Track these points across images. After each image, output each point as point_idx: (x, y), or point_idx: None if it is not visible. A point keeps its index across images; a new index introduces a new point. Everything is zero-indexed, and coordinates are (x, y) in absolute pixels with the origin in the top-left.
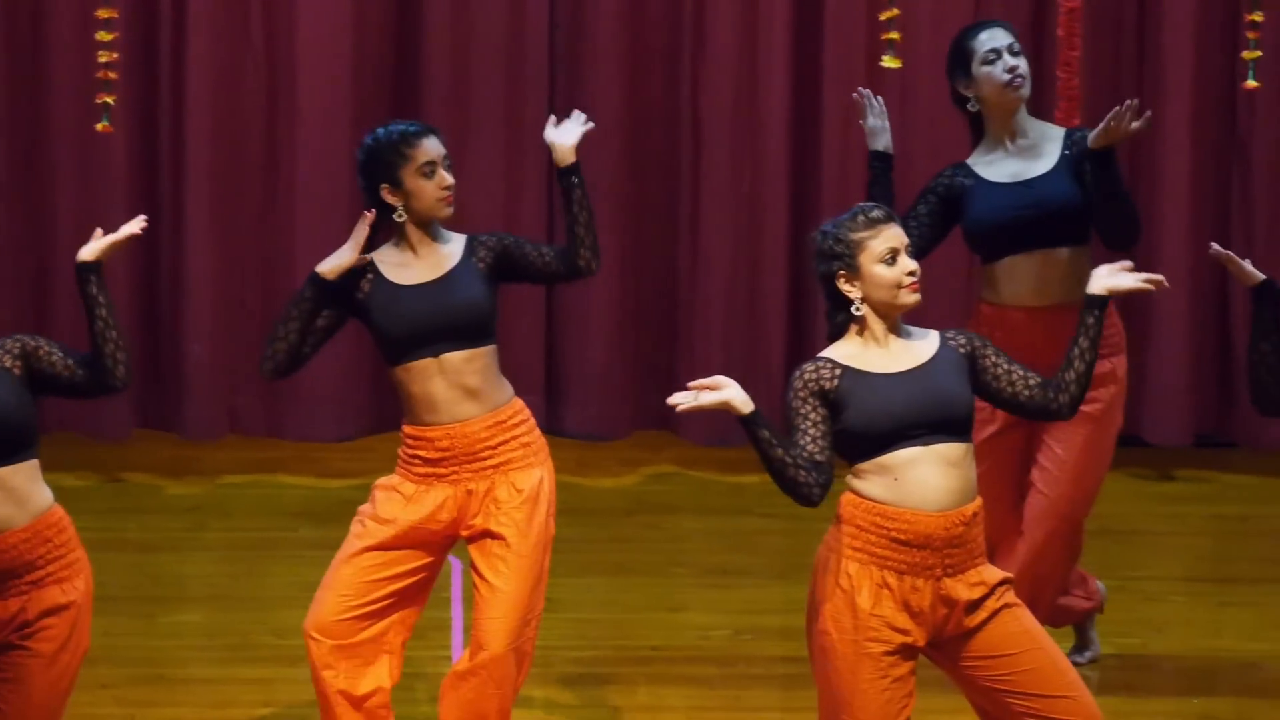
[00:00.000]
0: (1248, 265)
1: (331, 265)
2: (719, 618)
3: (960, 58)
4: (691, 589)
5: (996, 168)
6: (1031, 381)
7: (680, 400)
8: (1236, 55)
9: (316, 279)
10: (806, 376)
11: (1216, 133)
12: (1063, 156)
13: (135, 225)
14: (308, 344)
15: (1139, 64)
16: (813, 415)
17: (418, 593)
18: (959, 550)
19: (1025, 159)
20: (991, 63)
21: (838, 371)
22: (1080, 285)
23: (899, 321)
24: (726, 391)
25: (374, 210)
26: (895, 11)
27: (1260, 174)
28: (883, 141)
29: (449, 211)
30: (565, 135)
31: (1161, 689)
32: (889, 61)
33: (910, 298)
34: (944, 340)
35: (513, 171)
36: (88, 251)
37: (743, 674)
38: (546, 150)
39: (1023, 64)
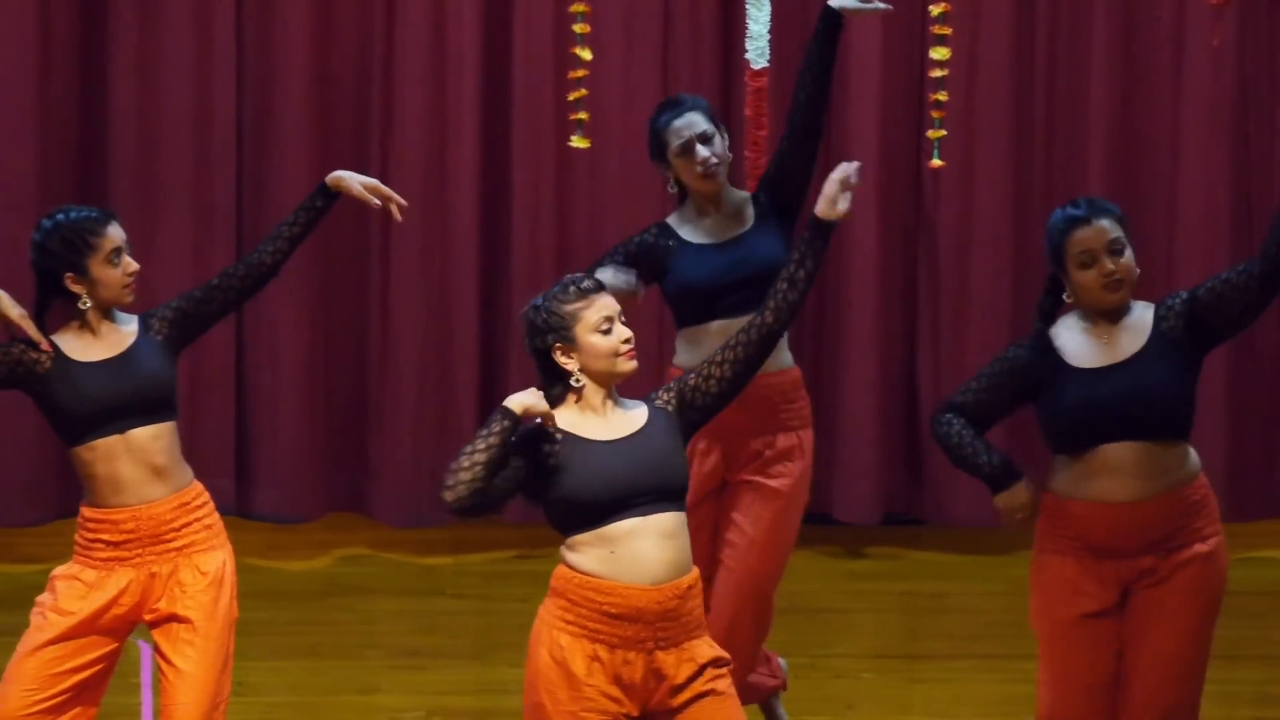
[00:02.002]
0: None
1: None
2: (412, 699)
3: (656, 143)
4: (384, 671)
5: (698, 231)
6: (726, 367)
7: None
8: (921, 134)
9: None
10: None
11: (902, 210)
12: (757, 217)
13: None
14: None
15: (827, 141)
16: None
17: (100, 680)
18: (672, 624)
19: (726, 223)
20: (686, 154)
21: (558, 437)
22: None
23: (614, 390)
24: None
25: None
26: (583, 91)
27: (946, 252)
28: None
29: (131, 298)
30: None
31: None
32: (578, 141)
33: (628, 365)
34: (650, 403)
35: (201, 249)
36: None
37: None
38: (235, 227)
39: (717, 146)
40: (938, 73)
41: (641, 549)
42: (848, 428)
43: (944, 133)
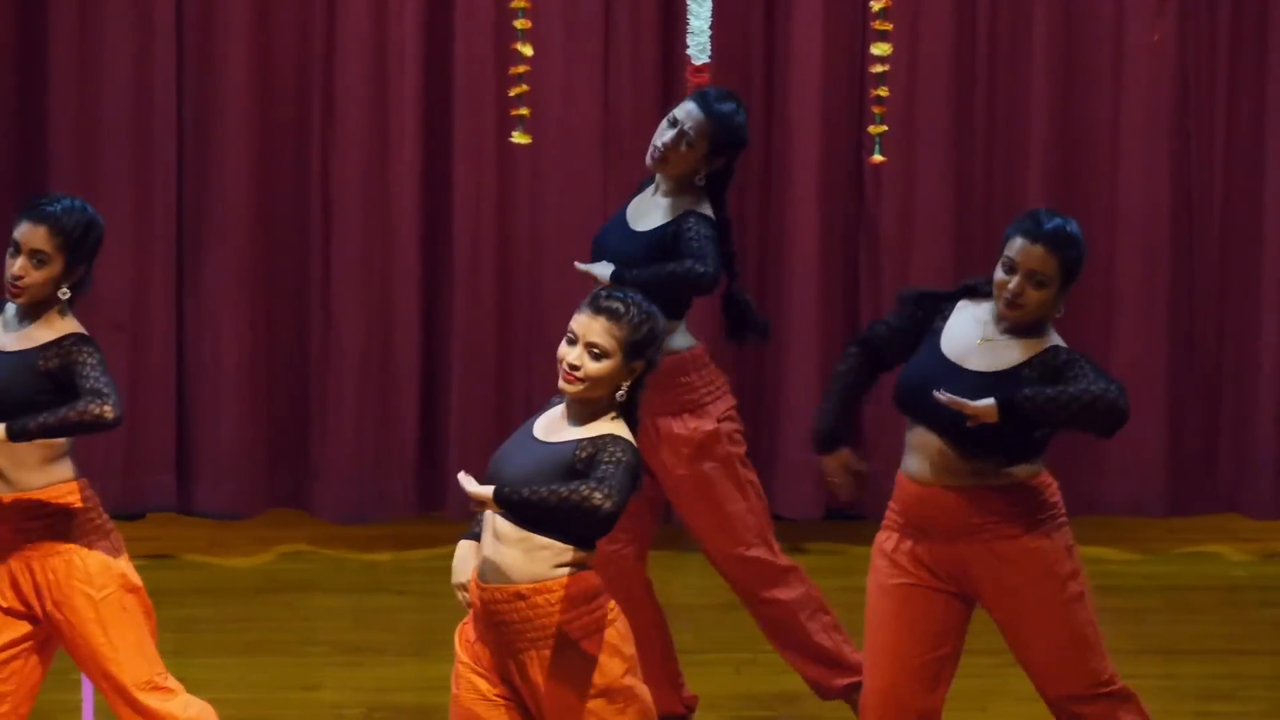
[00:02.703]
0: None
1: None
2: (353, 695)
3: None
4: (326, 667)
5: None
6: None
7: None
8: (862, 129)
9: None
10: None
11: (843, 206)
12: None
13: None
14: None
15: (767, 138)
16: None
17: (22, 669)
18: (506, 629)
19: (649, 213)
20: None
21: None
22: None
23: (580, 406)
24: None
25: None
26: (524, 87)
27: (887, 248)
28: None
29: (16, 298)
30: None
31: None
32: (519, 137)
33: (563, 385)
34: (581, 442)
35: (143, 245)
36: None
37: None
38: (176, 223)
39: (669, 138)
40: (879, 68)
41: (487, 543)
42: (789, 424)
43: (885, 128)
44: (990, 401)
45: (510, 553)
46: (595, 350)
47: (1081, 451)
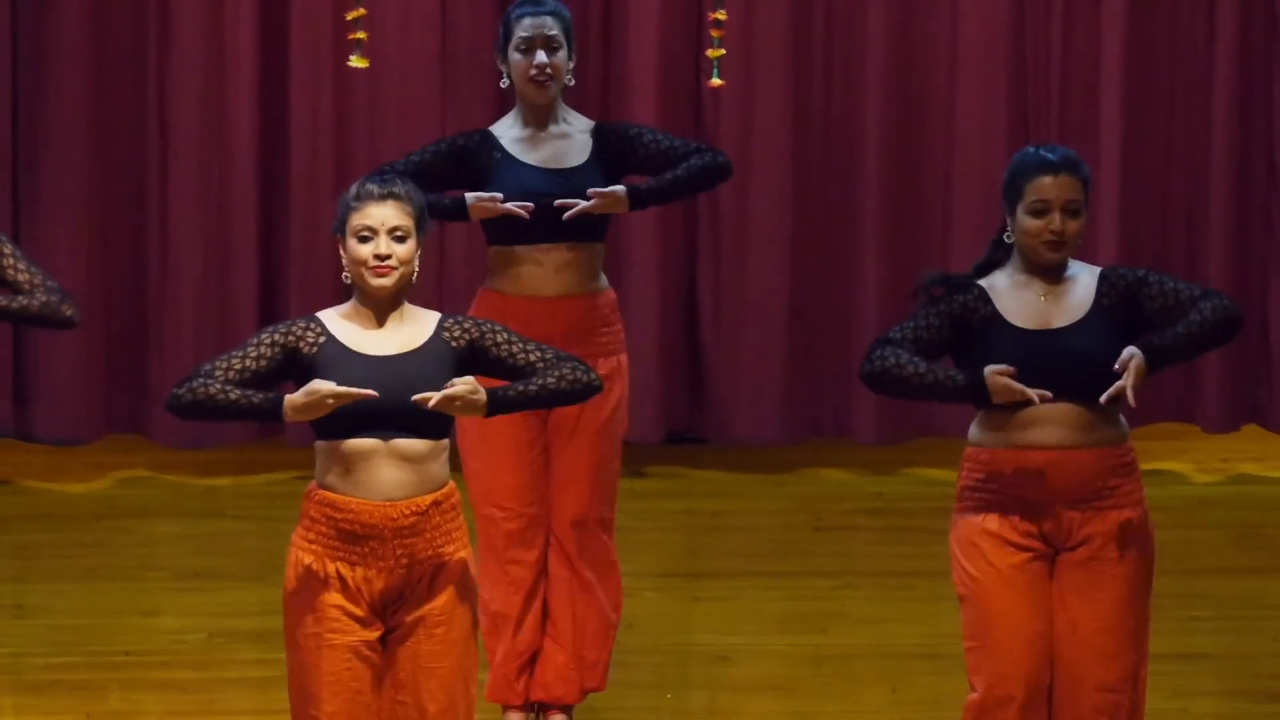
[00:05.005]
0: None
1: None
2: (193, 621)
3: (503, 35)
4: (165, 593)
5: (525, 147)
6: (532, 366)
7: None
8: (701, 53)
9: None
10: (286, 329)
11: (682, 130)
12: (595, 154)
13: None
14: None
15: (605, 60)
16: (259, 362)
17: None
18: (416, 539)
19: (556, 147)
20: (523, 52)
21: (321, 339)
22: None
23: (397, 302)
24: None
25: None
26: (362, 11)
27: None
28: None
29: None
30: None
31: (636, 684)
32: (356, 61)
33: (374, 280)
34: (439, 329)
35: None
36: None
37: (217, 678)
38: (10, 151)
39: (559, 59)
40: None
41: (377, 468)
42: (629, 348)
43: (723, 52)
44: (1139, 361)
45: (417, 469)
46: (399, 233)
47: None
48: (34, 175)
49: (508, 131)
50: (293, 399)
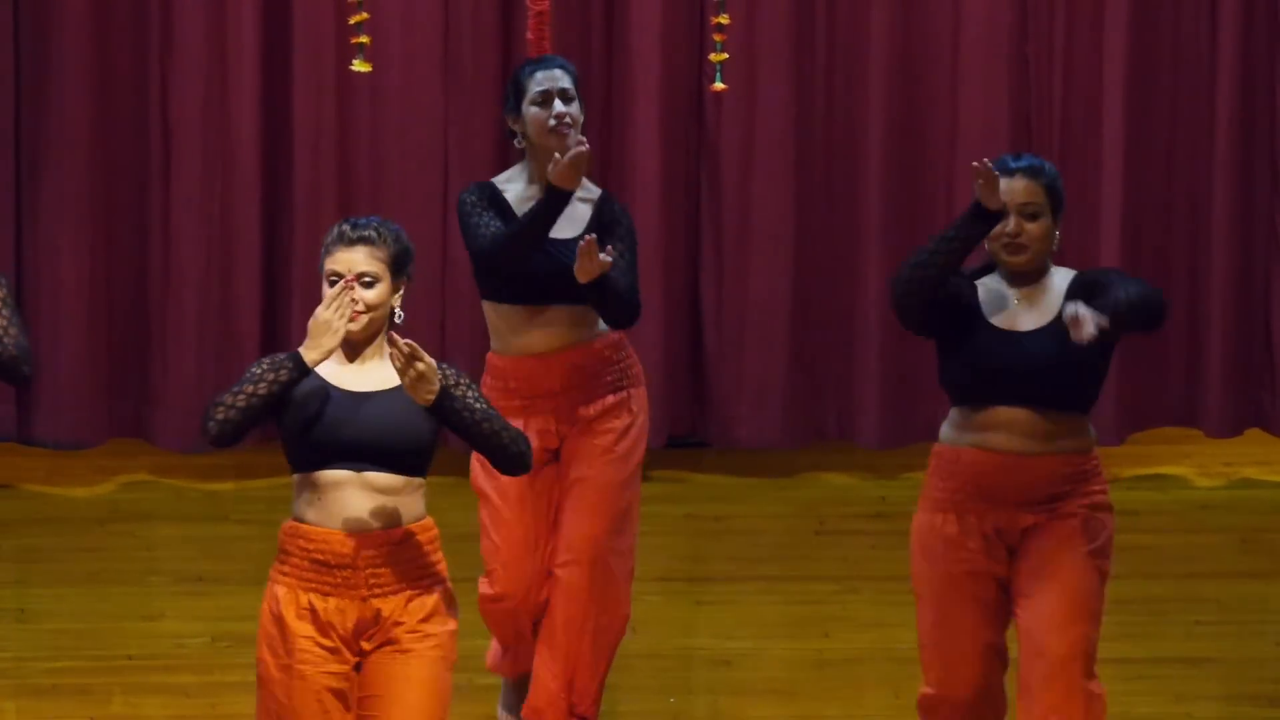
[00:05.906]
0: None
1: None
2: (195, 625)
3: (515, 92)
4: (167, 597)
5: (528, 202)
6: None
7: None
8: (703, 57)
9: None
10: (271, 360)
11: (684, 135)
12: (592, 226)
13: None
14: None
15: (608, 66)
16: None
17: None
18: (387, 569)
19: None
20: (540, 104)
21: (316, 382)
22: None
23: (371, 339)
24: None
25: None
26: (364, 15)
27: (728, 177)
28: None
29: None
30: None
31: (638, 687)
32: (359, 66)
33: (339, 324)
34: None
35: None
36: None
37: (219, 682)
38: (13, 154)
39: (574, 109)
40: None
41: (348, 498)
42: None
43: (726, 56)
44: (1096, 318)
45: (390, 500)
46: (367, 279)
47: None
48: (37, 179)
49: (512, 186)
50: (305, 346)
